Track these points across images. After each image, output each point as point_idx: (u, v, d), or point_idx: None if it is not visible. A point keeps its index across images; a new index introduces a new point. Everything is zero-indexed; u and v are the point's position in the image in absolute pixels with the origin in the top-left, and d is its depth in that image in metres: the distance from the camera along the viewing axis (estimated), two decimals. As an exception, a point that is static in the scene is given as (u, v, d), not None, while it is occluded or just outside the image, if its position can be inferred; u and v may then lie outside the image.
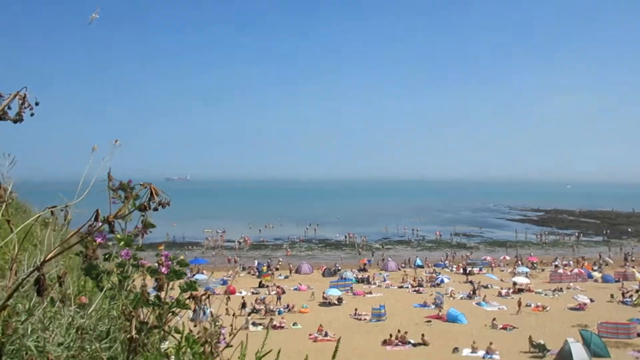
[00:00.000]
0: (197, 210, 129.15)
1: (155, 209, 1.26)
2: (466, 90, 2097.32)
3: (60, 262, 2.87)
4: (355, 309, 41.28)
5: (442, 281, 53.54)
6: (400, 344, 33.15)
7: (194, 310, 2.51)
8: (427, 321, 38.79)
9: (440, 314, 40.13)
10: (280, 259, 68.15)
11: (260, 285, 52.03)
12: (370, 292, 49.54)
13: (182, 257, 2.60)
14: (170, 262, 2.40)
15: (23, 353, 1.75)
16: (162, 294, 2.38)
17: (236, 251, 76.57)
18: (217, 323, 2.48)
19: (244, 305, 40.93)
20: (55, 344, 2.05)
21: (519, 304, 42.03)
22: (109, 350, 2.14)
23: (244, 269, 62.21)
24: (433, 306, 42.65)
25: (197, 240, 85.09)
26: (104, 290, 2.40)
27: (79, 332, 1.81)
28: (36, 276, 1.37)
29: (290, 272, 59.69)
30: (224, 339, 2.43)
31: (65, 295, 2.07)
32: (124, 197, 1.27)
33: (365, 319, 39.63)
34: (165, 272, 2.37)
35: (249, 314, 39.22)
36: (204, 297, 2.56)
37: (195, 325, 2.50)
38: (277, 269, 61.50)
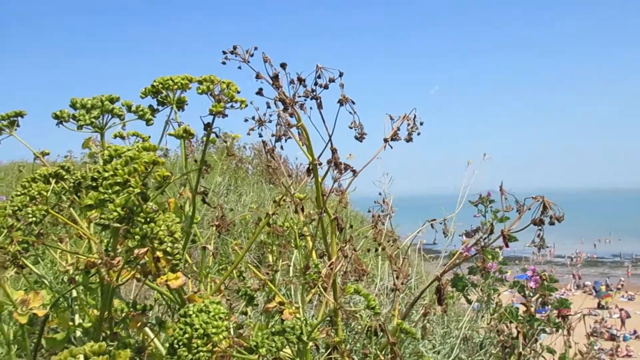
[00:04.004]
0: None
1: (551, 223, 1.22)
2: None
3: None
4: None
5: None
6: None
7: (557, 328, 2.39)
8: None
9: None
10: (622, 278, 60.38)
11: (599, 307, 46.98)
12: None
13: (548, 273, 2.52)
14: (538, 277, 2.34)
15: (414, 357, 1.91)
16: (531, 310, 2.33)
17: (567, 267, 70.82)
18: (594, 346, 2.31)
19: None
20: (431, 350, 2.19)
21: None
22: (484, 363, 2.18)
23: (578, 287, 57.13)
24: None
25: (522, 254, 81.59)
26: (472, 303, 2.46)
27: (467, 344, 1.89)
28: (436, 285, 1.47)
29: (635, 294, 52.31)
30: (604, 363, 2.24)
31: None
32: (516, 211, 1.27)
33: None
34: (534, 287, 2.31)
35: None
36: (574, 316, 2.42)
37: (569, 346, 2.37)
38: (618, 289, 54.70)
